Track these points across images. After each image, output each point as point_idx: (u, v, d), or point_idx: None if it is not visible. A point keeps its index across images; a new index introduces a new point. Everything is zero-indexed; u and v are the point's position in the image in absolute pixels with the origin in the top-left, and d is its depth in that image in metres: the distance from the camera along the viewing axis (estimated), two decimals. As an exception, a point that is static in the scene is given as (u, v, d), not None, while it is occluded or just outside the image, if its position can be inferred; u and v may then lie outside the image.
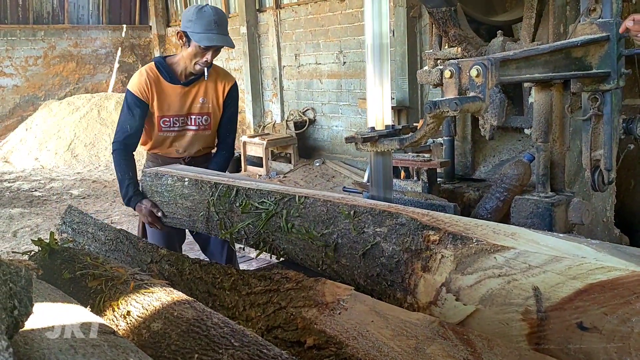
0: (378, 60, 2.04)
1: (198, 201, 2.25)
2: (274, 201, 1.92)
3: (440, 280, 1.38)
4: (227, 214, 2.09)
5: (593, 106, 1.98)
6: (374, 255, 1.55)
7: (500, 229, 1.41)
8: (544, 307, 1.18)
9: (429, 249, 1.43)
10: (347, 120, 8.52)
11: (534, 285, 1.21)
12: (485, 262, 1.31)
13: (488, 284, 1.28)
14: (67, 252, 1.87)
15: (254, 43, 9.85)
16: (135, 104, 2.70)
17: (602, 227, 2.40)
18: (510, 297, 1.24)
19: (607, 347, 1.11)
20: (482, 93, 1.69)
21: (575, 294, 1.15)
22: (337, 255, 1.66)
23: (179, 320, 1.31)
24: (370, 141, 1.95)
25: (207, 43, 2.57)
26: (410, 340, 1.26)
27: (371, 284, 1.57)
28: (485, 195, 2.31)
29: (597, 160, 2.03)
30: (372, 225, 1.59)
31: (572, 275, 1.18)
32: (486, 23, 2.37)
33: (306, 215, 1.79)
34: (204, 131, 2.84)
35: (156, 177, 2.53)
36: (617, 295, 1.10)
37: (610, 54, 1.89)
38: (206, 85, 2.79)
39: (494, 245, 1.32)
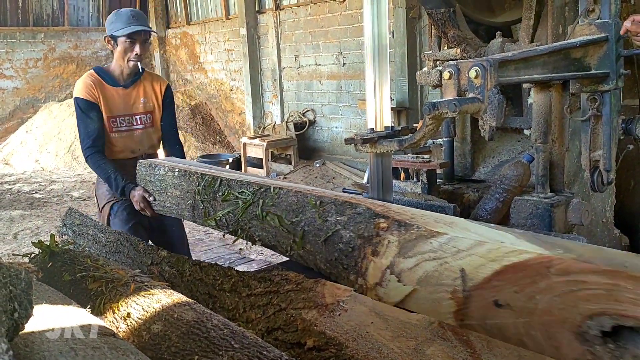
0: (377, 61, 2.04)
1: (186, 190, 2.39)
2: (252, 191, 2.05)
3: (386, 263, 1.50)
4: (210, 203, 2.23)
5: (592, 107, 1.98)
6: (334, 241, 1.67)
7: (441, 219, 1.54)
8: (468, 287, 1.30)
9: (379, 235, 1.54)
10: (346, 122, 8.52)
11: (461, 267, 1.33)
12: (423, 247, 1.43)
13: (424, 266, 1.41)
14: (68, 254, 1.87)
15: (253, 44, 9.86)
16: (89, 107, 2.88)
17: (601, 227, 2.40)
18: (442, 278, 1.37)
19: (516, 322, 1.23)
20: (481, 94, 1.69)
21: (493, 275, 1.27)
22: (303, 242, 1.78)
23: (179, 322, 1.31)
24: (370, 142, 1.95)
25: (128, 31, 2.77)
26: (410, 341, 1.27)
27: (330, 267, 1.69)
28: (484, 196, 2.31)
29: (596, 161, 2.03)
30: (334, 214, 1.71)
31: (491, 257, 1.29)
32: (485, 24, 2.37)
33: (279, 205, 1.92)
34: (150, 128, 3.08)
35: (150, 167, 2.70)
36: (525, 275, 1.22)
37: (609, 54, 1.89)
38: (144, 87, 3.03)
39: (431, 231, 1.44)
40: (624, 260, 1.19)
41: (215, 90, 11.39)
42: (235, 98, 10.84)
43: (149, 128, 3.08)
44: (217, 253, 5.25)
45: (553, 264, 1.19)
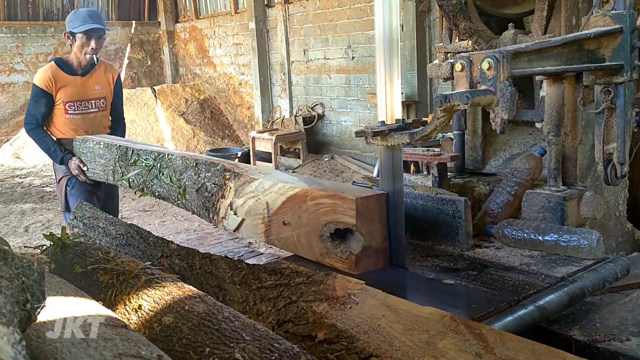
0: (388, 54, 2.03)
1: (108, 159, 3.01)
2: (154, 157, 2.64)
3: (228, 202, 2.17)
4: (126, 168, 2.84)
5: (606, 99, 1.96)
6: (202, 191, 2.31)
7: (262, 170, 2.29)
8: (270, 214, 2.01)
9: (225, 184, 2.22)
10: (355, 116, 8.49)
11: (266, 201, 2.03)
12: (247, 189, 2.12)
13: (249, 202, 2.09)
14: (79, 247, 1.88)
15: (262, 38, 9.83)
16: (41, 95, 3.36)
17: (614, 221, 2.38)
18: (257, 210, 2.05)
19: (293, 234, 1.96)
20: (493, 86, 1.67)
21: (282, 204, 1.98)
22: (184, 193, 2.41)
23: (190, 314, 1.31)
24: (380, 135, 1.94)
25: (83, 29, 3.25)
26: (422, 334, 1.26)
27: (199, 210, 2.33)
28: (496, 189, 2.29)
29: (609, 154, 2.01)
30: (204, 172, 2.33)
31: (281, 192, 1.99)
32: (497, 16, 2.34)
33: (171, 167, 2.51)
34: (103, 111, 3.59)
35: (82, 141, 3.33)
36: (296, 202, 1.94)
37: (623, 46, 1.86)
38: (98, 75, 3.51)
39: (252, 178, 2.13)
40: (343, 188, 1.97)
41: (224, 84, 11.39)
42: (244, 92, 10.84)
43: (102, 111, 3.59)
44: (226, 247, 5.26)
45: (308, 193, 1.90)
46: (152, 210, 6.69)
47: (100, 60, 3.59)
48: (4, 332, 0.61)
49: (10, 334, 0.63)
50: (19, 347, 0.62)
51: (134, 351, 1.04)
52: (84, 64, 3.43)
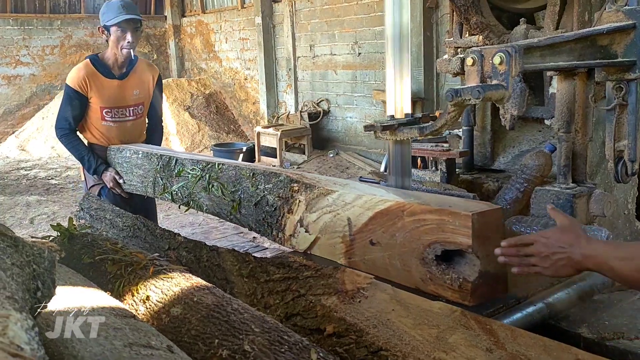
0: (398, 49, 2.02)
1: (148, 170, 2.76)
2: (201, 168, 2.42)
3: (297, 218, 1.90)
4: (168, 179, 2.61)
5: (618, 96, 1.94)
6: (262, 204, 2.07)
7: (338, 181, 1.99)
8: (353, 232, 1.71)
9: (292, 196, 1.95)
10: (361, 112, 8.47)
11: (348, 216, 1.73)
12: (322, 203, 1.83)
13: (324, 218, 1.81)
14: (87, 237, 1.88)
15: (268, 33, 9.82)
16: (74, 96, 3.04)
17: (623, 219, 2.36)
18: (336, 227, 1.77)
19: (383, 255, 1.64)
20: (505, 81, 1.65)
21: (369, 220, 1.68)
22: (239, 207, 2.18)
23: (199, 306, 1.30)
24: (390, 129, 1.93)
25: (117, 20, 2.92)
26: (432, 329, 1.25)
27: (258, 226, 2.08)
28: (504, 185, 2.28)
29: (620, 151, 1.99)
30: (263, 183, 2.09)
31: (367, 207, 1.69)
32: (508, 10, 2.32)
33: (222, 178, 2.30)
34: (140, 118, 3.28)
35: (118, 151, 3.09)
36: (389, 218, 1.63)
37: (636, 42, 1.84)
38: (137, 78, 3.18)
39: (327, 190, 1.84)
40: (450, 202, 1.63)
41: (230, 79, 11.38)
42: (250, 87, 10.83)
43: (139, 119, 3.26)
44: (231, 241, 5.26)
45: (405, 208, 1.60)
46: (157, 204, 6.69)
47: (140, 59, 3.26)
48: (17, 318, 0.60)
49: (23, 319, 0.62)
50: (32, 333, 0.62)
51: (143, 341, 1.04)
52: (121, 61, 3.09)
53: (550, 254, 1.28)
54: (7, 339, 0.54)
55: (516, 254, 1.35)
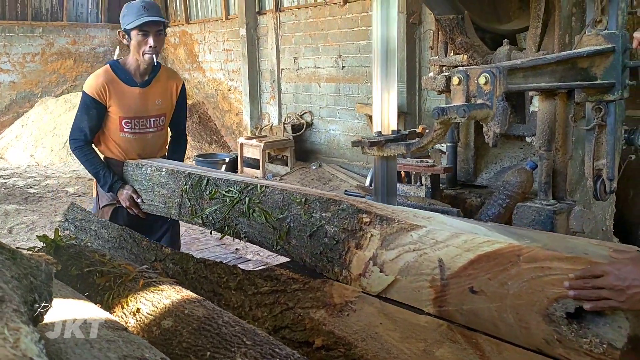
0: (385, 64, 2.06)
1: (173, 189, 2.49)
2: (239, 190, 2.16)
3: (369, 255, 1.62)
4: (197, 201, 2.34)
5: (597, 116, 2.01)
6: (319, 236, 1.80)
7: (419, 214, 1.69)
8: (446, 275, 1.43)
9: (362, 229, 1.67)
10: (344, 125, 8.53)
11: (439, 257, 1.45)
12: (404, 239, 1.55)
13: (405, 257, 1.53)
14: (73, 249, 1.87)
15: (252, 45, 9.86)
16: (92, 105, 2.78)
17: (601, 235, 2.43)
18: (422, 268, 1.48)
19: (490, 306, 1.34)
20: (489, 100, 1.70)
21: (469, 264, 1.40)
22: (288, 237, 1.92)
23: (190, 318, 1.31)
24: (377, 145, 1.97)
25: (138, 23, 2.66)
26: (419, 342, 1.28)
27: (315, 260, 1.81)
28: (487, 201, 2.33)
29: (599, 170, 2.06)
30: (319, 211, 1.84)
31: (466, 248, 1.42)
32: (492, 31, 2.39)
33: (265, 202, 2.03)
34: (161, 131, 2.99)
35: (137, 167, 2.79)
36: (497, 263, 1.35)
37: (615, 65, 1.92)
38: (160, 87, 2.90)
39: (411, 224, 1.58)
40: (584, 248, 1.34)
41: (213, 89, 11.39)
42: (233, 98, 10.84)
43: (160, 131, 2.99)
44: (214, 252, 5.24)
45: (522, 252, 1.33)
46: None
47: (163, 66, 2.98)
48: (27, 331, 0.62)
49: (32, 332, 0.64)
50: (41, 345, 0.64)
51: (137, 353, 1.05)
52: (143, 68, 2.81)
53: (626, 288, 1.18)
54: (19, 351, 0.56)
55: (586, 287, 1.22)
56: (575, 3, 2.08)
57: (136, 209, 2.79)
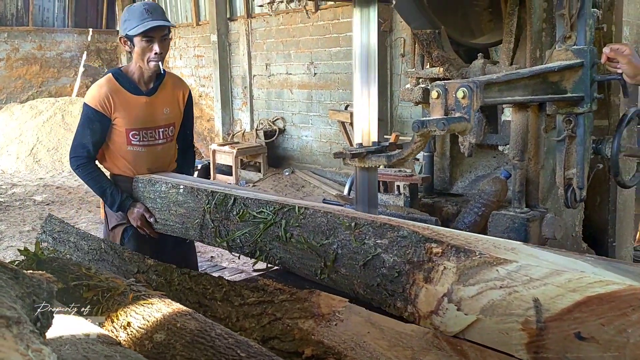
0: (366, 79, 2.11)
1: (193, 208, 2.30)
2: (273, 211, 1.98)
3: (442, 290, 1.44)
4: (222, 222, 2.15)
5: (567, 128, 2.10)
6: (374, 265, 1.62)
7: (500, 244, 1.50)
8: (544, 318, 1.25)
9: (432, 260, 1.49)
10: (317, 131, 8.59)
11: (534, 296, 1.27)
12: (487, 274, 1.38)
13: (489, 294, 1.35)
14: (56, 262, 1.87)
15: (224, 51, 9.85)
16: (95, 117, 2.60)
17: (571, 241, 2.52)
18: (511, 308, 1.30)
19: (603, 356, 1.18)
20: (467, 114, 1.76)
21: (574, 306, 1.22)
22: (336, 265, 1.74)
23: (183, 331, 1.33)
24: (359, 157, 2.02)
25: (143, 29, 2.47)
26: (406, 350, 1.33)
27: (370, 293, 1.64)
28: (463, 209, 2.41)
29: (569, 179, 2.15)
30: (373, 237, 1.66)
31: (571, 288, 1.25)
32: (466, 45, 2.47)
33: (306, 226, 1.86)
34: (171, 142, 2.81)
35: (149, 183, 2.57)
36: (614, 307, 1.18)
37: (584, 79, 2.01)
38: (167, 95, 2.74)
39: (496, 258, 1.39)
40: None
41: (184, 95, 11.32)
42: (204, 104, 10.80)
43: (170, 142, 2.80)
44: (188, 260, 5.22)
45: None
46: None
47: (168, 72, 2.79)
48: (48, 352, 0.64)
49: (51, 352, 0.66)
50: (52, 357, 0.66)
51: (136, 368, 1.07)
52: (147, 76, 2.64)
53: None
54: (47, 373, 0.58)
55: None
56: (546, 19, 2.17)
57: (148, 228, 2.61)
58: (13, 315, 0.70)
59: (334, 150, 7.99)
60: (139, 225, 2.61)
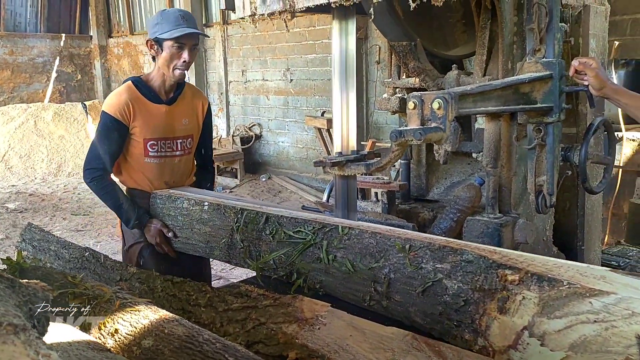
0: (345, 88, 2.18)
1: (219, 227, 2.17)
2: (312, 230, 1.84)
3: (522, 323, 1.31)
4: (253, 242, 2.02)
5: (537, 137, 2.18)
6: (435, 292, 1.51)
7: (587, 271, 1.36)
8: None
9: (507, 289, 1.37)
10: (293, 137, 8.65)
11: (637, 333, 1.17)
12: (578, 307, 1.25)
13: (581, 329, 1.23)
14: (40, 271, 1.88)
15: (200, 57, 9.85)
16: (113, 126, 2.50)
17: (542, 245, 2.62)
18: (608, 345, 1.19)
19: None
20: (443, 124, 1.83)
21: None
22: (389, 291, 1.62)
23: (171, 337, 1.37)
24: (338, 165, 2.08)
25: (178, 33, 2.41)
26: (387, 352, 1.38)
27: (431, 322, 1.53)
28: (439, 215, 2.48)
29: (540, 185, 2.23)
30: (431, 261, 1.55)
31: None
32: (441, 57, 2.55)
33: (351, 247, 1.73)
34: (188, 155, 2.73)
35: (169, 199, 2.40)
36: None
37: (553, 90, 2.10)
38: (186, 105, 2.67)
39: (589, 289, 1.26)
40: None
41: (159, 101, 11.27)
42: (180, 110, 10.76)
43: (188, 155, 2.71)
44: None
45: None
46: (86, 230, 6.52)
47: (187, 83, 2.73)
48: (55, 357, 0.68)
49: (59, 357, 0.70)
50: None
51: (129, 373, 1.10)
52: (169, 84, 2.57)
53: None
54: (59, 376, 0.62)
55: None
56: (516, 32, 2.25)
57: (167, 246, 2.51)
58: (19, 322, 0.74)
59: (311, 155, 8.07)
60: (157, 243, 2.52)
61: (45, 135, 9.95)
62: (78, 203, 7.76)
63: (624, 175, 4.86)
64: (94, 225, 6.60)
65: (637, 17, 5.72)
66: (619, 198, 4.84)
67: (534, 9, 2.08)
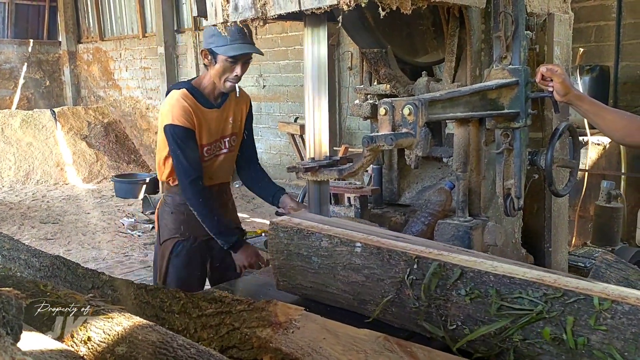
0: (317, 93, 2.21)
1: (379, 278, 1.58)
2: (540, 298, 1.27)
3: None
4: (437, 303, 1.47)
5: (505, 141, 2.24)
6: None
7: None
8: None
9: None
10: (266, 143, 8.65)
11: None
12: None
13: None
14: (11, 280, 1.86)
15: (172, 63, 9.80)
16: (188, 136, 2.52)
17: (511, 247, 2.68)
18: None
19: None
20: (413, 130, 1.87)
21: None
22: None
23: (145, 344, 1.37)
24: (311, 171, 2.10)
25: (233, 52, 2.47)
26: (360, 354, 1.40)
27: None
28: (411, 219, 2.52)
29: (508, 189, 2.29)
30: None
31: None
32: (411, 63, 2.60)
33: (614, 330, 1.16)
34: (232, 152, 2.78)
35: (299, 235, 1.75)
36: None
37: (519, 96, 2.16)
38: (233, 105, 2.73)
39: None
40: None
41: (130, 108, 11.16)
42: (152, 117, 10.67)
43: (232, 152, 2.77)
44: (139, 275, 5.17)
45: None
46: (55, 239, 6.41)
47: None
48: (30, 362, 0.69)
49: (33, 364, 0.70)
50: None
51: (103, 380, 1.10)
52: (218, 92, 2.63)
53: None
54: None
55: None
56: (484, 40, 2.32)
57: (252, 269, 2.51)
58: (-6, 329, 0.74)
59: (284, 161, 8.09)
60: (246, 266, 2.55)
61: (12, 142, 9.76)
62: (47, 211, 7.62)
63: (589, 178, 4.99)
64: (64, 234, 6.50)
65: (601, 24, 5.89)
66: (585, 201, 4.97)
67: (500, 17, 2.14)
